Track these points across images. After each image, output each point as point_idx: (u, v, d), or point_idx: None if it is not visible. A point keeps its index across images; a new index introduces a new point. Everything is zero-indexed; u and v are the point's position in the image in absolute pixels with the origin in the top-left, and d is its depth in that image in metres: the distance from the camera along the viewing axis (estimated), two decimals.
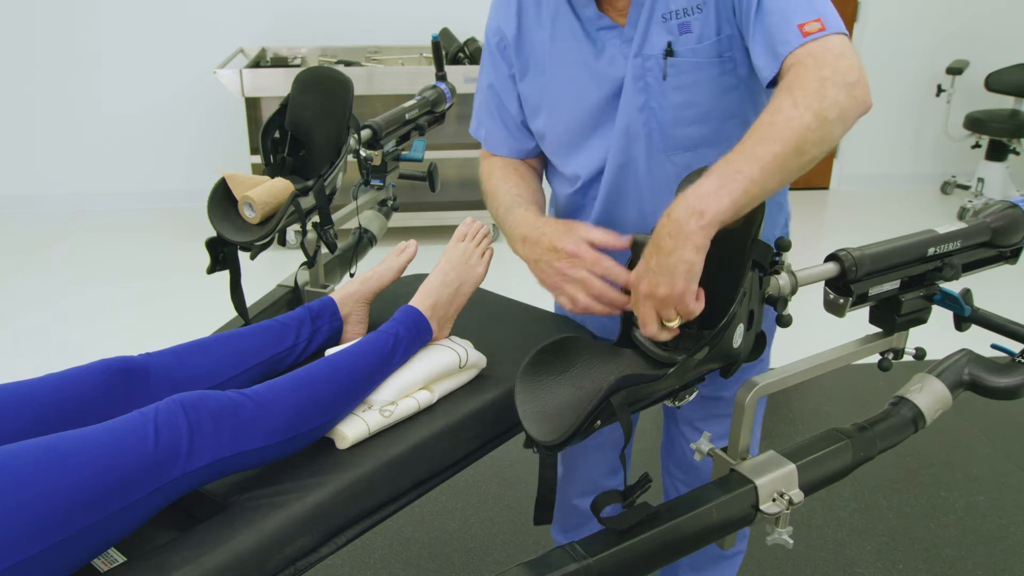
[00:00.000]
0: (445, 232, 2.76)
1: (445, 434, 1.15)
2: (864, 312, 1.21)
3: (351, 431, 1.10)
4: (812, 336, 1.45)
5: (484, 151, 1.41)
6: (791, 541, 1.07)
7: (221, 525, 0.96)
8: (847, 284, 1.11)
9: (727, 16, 1.13)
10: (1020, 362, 1.23)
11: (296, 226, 1.50)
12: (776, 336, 1.37)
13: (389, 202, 1.90)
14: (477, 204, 4.12)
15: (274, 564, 0.95)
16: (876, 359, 1.24)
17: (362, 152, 1.61)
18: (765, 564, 2.06)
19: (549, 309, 1.51)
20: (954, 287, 1.24)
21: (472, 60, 3.91)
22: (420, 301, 1.27)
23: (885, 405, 1.22)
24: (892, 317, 1.20)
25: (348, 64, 3.92)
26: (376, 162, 1.75)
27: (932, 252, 1.17)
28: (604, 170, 1.26)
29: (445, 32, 4.03)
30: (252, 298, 1.54)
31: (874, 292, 1.14)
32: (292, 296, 1.61)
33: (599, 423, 0.96)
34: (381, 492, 1.07)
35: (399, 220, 3.86)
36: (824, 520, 2.24)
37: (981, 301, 1.28)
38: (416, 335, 1.22)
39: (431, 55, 2.92)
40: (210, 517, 0.99)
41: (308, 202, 1.46)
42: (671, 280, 0.96)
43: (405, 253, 1.41)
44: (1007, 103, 4.64)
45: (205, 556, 0.90)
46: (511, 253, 1.23)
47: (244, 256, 1.45)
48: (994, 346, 1.29)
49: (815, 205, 4.86)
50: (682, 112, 1.19)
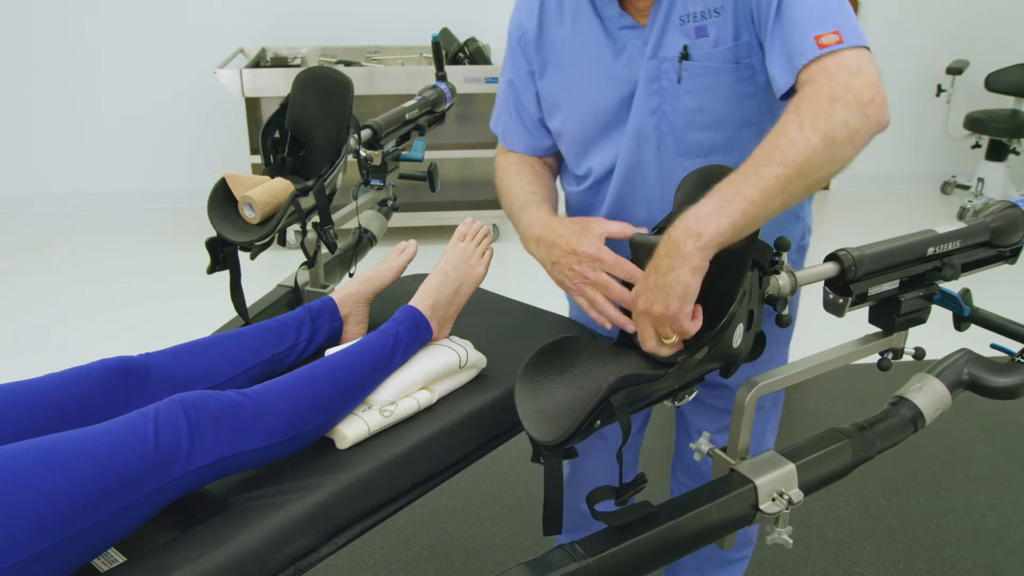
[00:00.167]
0: (445, 232, 2.76)
1: (445, 434, 1.15)
2: (864, 312, 1.21)
3: (351, 431, 1.10)
4: (812, 336, 1.45)
5: (500, 146, 1.41)
6: (791, 541, 1.08)
7: (221, 525, 0.96)
8: (846, 284, 1.12)
9: (745, 22, 1.11)
10: (1019, 362, 1.23)
11: (296, 226, 1.50)
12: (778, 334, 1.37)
13: (389, 202, 1.89)
14: (477, 204, 4.13)
15: (274, 564, 0.95)
16: (875, 359, 1.25)
17: (362, 152, 1.61)
18: (765, 564, 2.06)
19: (549, 309, 1.51)
20: (953, 287, 1.24)
21: (472, 60, 3.90)
22: (420, 301, 1.27)
23: (884, 405, 1.22)
24: (891, 317, 1.20)
25: (348, 64, 3.92)
26: (376, 162, 1.75)
27: (931, 252, 1.18)
28: (612, 171, 1.26)
29: (445, 32, 4.03)
30: (252, 298, 1.54)
31: (873, 292, 1.14)
32: (292, 296, 1.61)
33: (599, 423, 0.97)
34: (381, 492, 1.07)
35: (399, 220, 3.86)
36: (824, 520, 2.24)
37: (980, 301, 1.28)
38: (416, 335, 1.22)
39: (431, 55, 2.92)
40: (210, 517, 0.99)
41: (308, 202, 1.46)
42: (665, 300, 0.97)
43: (405, 253, 1.41)
44: (1007, 103, 4.64)
45: (205, 556, 0.90)
46: (511, 253, 1.23)
47: (244, 256, 1.45)
48: (993, 346, 1.29)
49: (815, 205, 4.82)
50: (695, 117, 1.17)
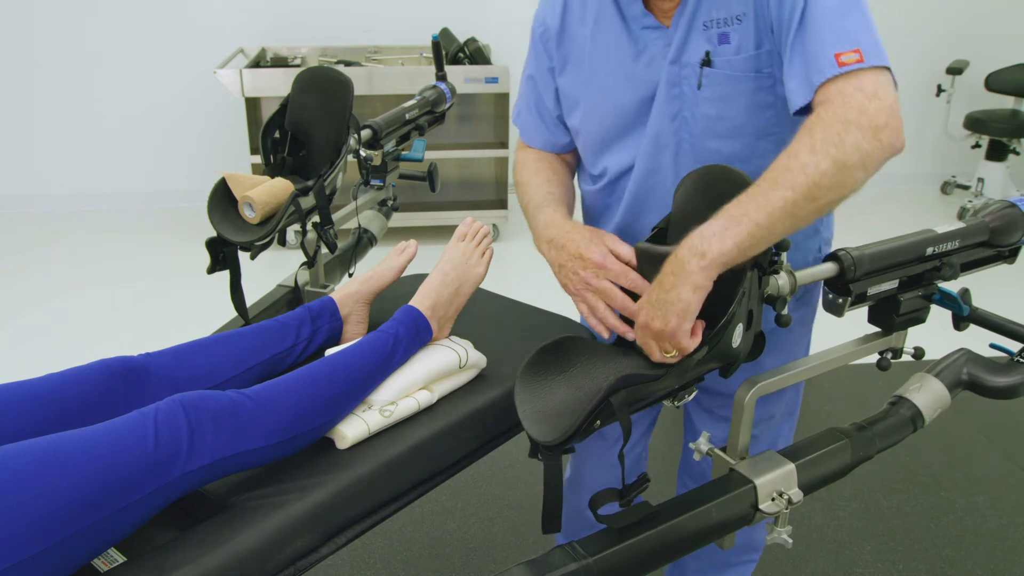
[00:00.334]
0: (445, 232, 2.76)
1: (445, 434, 1.15)
2: (863, 312, 1.21)
3: (351, 431, 1.10)
4: (812, 336, 1.45)
5: (520, 141, 1.41)
6: (790, 541, 1.08)
7: (221, 525, 0.96)
8: (846, 284, 1.12)
9: (766, 31, 1.10)
10: (1019, 361, 1.24)
11: (296, 226, 1.51)
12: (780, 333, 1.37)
13: (389, 202, 1.90)
14: (477, 204, 4.13)
15: (274, 564, 0.95)
16: (875, 359, 1.25)
17: (362, 152, 1.61)
18: (765, 564, 2.06)
19: (549, 309, 1.51)
20: (953, 287, 1.24)
21: (472, 60, 3.90)
22: (420, 301, 1.27)
23: (884, 405, 1.22)
24: (891, 317, 1.20)
25: (348, 64, 3.92)
26: (376, 162, 1.75)
27: (931, 252, 1.18)
28: (628, 172, 1.25)
29: (445, 32, 4.03)
30: (252, 298, 1.54)
31: (873, 292, 1.15)
32: (292, 296, 1.61)
33: (599, 423, 0.97)
34: (381, 492, 1.07)
35: (399, 220, 3.86)
36: (824, 520, 2.24)
37: (979, 300, 1.28)
38: (416, 335, 1.22)
39: (431, 55, 2.92)
40: (210, 517, 0.99)
41: (308, 202, 1.46)
42: (665, 316, 0.97)
43: (405, 253, 1.41)
44: (1007, 103, 4.64)
45: (205, 556, 0.90)
46: (511, 253, 1.23)
47: (244, 256, 1.45)
48: (993, 345, 1.29)
49: None
50: (713, 124, 1.16)
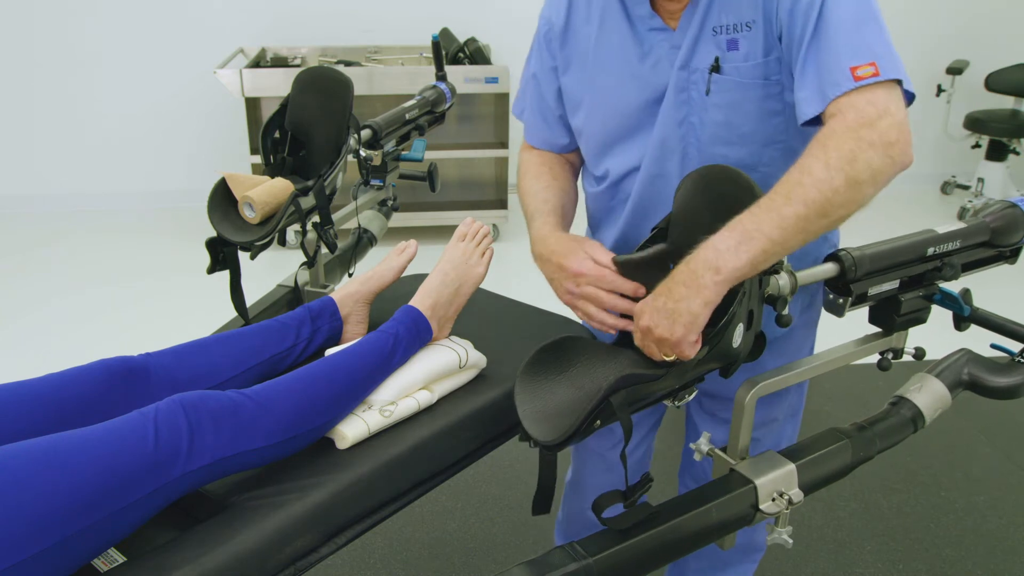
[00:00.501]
0: (445, 232, 2.76)
1: (445, 434, 1.15)
2: (863, 312, 1.21)
3: (351, 431, 1.10)
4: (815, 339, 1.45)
5: (525, 142, 1.41)
6: (791, 541, 1.08)
7: (221, 525, 0.96)
8: (846, 284, 1.12)
9: (775, 39, 1.09)
10: (1019, 362, 1.24)
11: (296, 226, 1.50)
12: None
13: (389, 202, 1.89)
14: (477, 204, 4.13)
15: (274, 564, 0.95)
16: (875, 359, 1.25)
17: (362, 152, 1.61)
18: (765, 564, 2.06)
19: (549, 309, 1.51)
20: (953, 287, 1.24)
21: (472, 60, 3.90)
22: (420, 301, 1.27)
23: (884, 405, 1.22)
24: (891, 317, 1.20)
25: (348, 64, 3.92)
26: (376, 162, 1.75)
27: (931, 252, 1.18)
28: (630, 175, 1.25)
29: (445, 32, 4.03)
30: (252, 298, 1.54)
31: (873, 292, 1.14)
32: (292, 296, 1.61)
33: (599, 423, 0.97)
34: (381, 492, 1.07)
35: (399, 220, 3.86)
36: (824, 520, 2.24)
37: (980, 301, 1.28)
38: (416, 335, 1.22)
39: (431, 55, 2.91)
40: (210, 517, 0.99)
41: (308, 202, 1.46)
42: (671, 325, 0.97)
43: (405, 253, 1.41)
44: (1007, 103, 4.64)
45: (205, 556, 0.90)
46: (511, 253, 1.24)
47: (244, 256, 1.45)
48: (993, 346, 1.29)
49: None
50: (721, 131, 1.16)
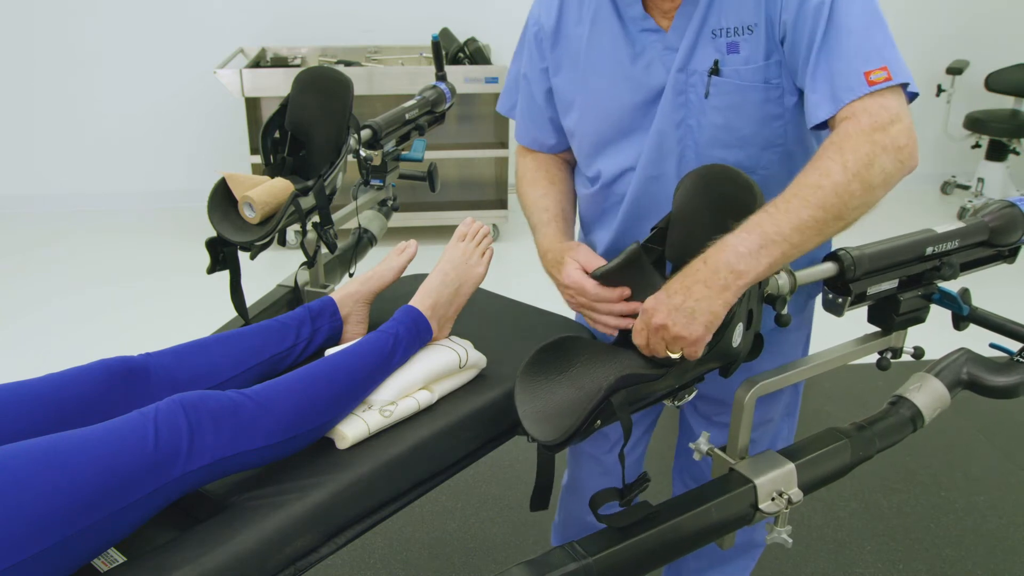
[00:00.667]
0: (445, 232, 2.76)
1: (445, 434, 1.15)
2: (863, 311, 1.21)
3: (351, 431, 1.10)
4: (811, 335, 1.45)
5: (520, 146, 1.41)
6: (790, 540, 1.08)
7: (221, 525, 0.96)
8: (846, 283, 1.12)
9: (777, 42, 1.09)
10: (1018, 361, 1.24)
11: (296, 226, 1.51)
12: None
13: (389, 202, 1.90)
14: (477, 204, 4.13)
15: (274, 564, 0.95)
16: (875, 358, 1.25)
17: (362, 152, 1.61)
18: (765, 564, 2.06)
19: (549, 309, 1.51)
20: (952, 286, 1.24)
21: (472, 60, 3.90)
22: (420, 301, 1.27)
23: (884, 404, 1.22)
24: (891, 316, 1.20)
25: (348, 64, 3.92)
26: (376, 162, 1.75)
27: (930, 251, 1.18)
28: (622, 176, 1.24)
29: (445, 32, 4.03)
30: (252, 298, 1.54)
31: (873, 291, 1.15)
32: (292, 296, 1.61)
33: (599, 423, 0.97)
34: (381, 492, 1.07)
35: (399, 220, 3.86)
36: (824, 520, 2.24)
37: (979, 300, 1.28)
38: (416, 335, 1.22)
39: (431, 55, 2.92)
40: (210, 517, 0.99)
41: (308, 202, 1.46)
42: (690, 325, 0.97)
43: (405, 253, 1.41)
44: (1007, 103, 4.64)
45: (205, 556, 0.90)
46: (511, 253, 1.24)
47: (244, 256, 1.45)
48: (992, 345, 1.29)
49: None
50: (719, 134, 1.15)
